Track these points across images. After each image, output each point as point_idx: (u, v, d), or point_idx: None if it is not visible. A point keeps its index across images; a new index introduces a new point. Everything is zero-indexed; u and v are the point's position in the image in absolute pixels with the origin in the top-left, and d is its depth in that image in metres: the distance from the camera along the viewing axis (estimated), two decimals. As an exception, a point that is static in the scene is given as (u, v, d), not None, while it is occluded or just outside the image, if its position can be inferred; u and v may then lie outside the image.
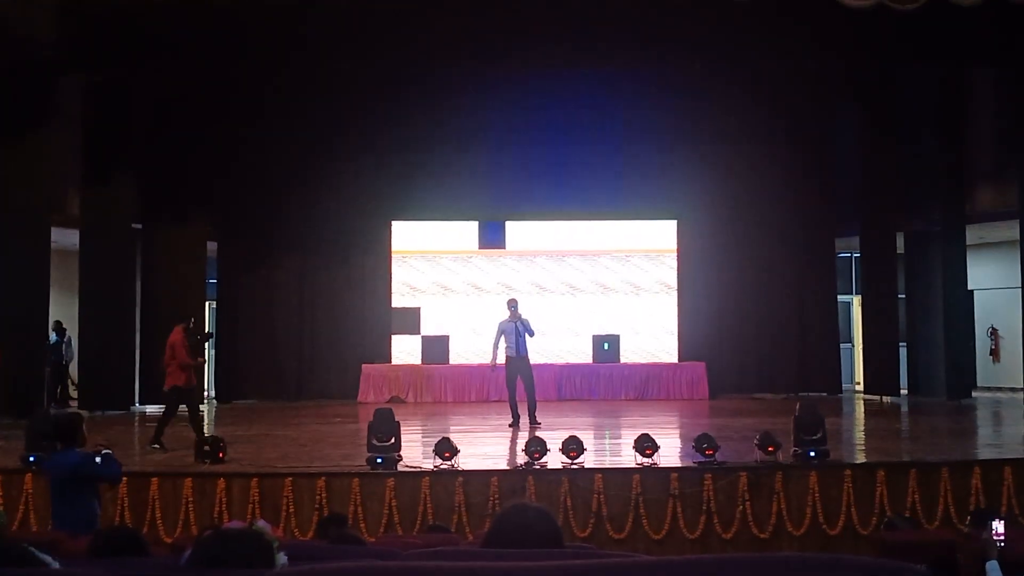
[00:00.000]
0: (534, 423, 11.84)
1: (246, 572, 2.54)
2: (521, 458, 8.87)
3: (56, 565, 2.71)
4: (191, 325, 10.88)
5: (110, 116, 14.60)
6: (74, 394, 16.43)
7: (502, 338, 12.23)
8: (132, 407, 15.10)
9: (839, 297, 18.23)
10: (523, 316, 12.18)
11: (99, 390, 14.44)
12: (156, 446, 10.04)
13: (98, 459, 6.55)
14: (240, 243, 17.09)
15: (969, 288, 16.24)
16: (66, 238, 14.92)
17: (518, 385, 12.18)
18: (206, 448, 8.91)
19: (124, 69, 14.10)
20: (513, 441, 11.20)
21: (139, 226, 15.63)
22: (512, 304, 12.27)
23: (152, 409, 15.34)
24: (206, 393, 16.66)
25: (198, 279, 16.10)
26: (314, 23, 13.15)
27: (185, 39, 13.14)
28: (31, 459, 8.64)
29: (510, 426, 12.04)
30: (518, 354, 12.09)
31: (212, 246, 16.78)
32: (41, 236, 13.76)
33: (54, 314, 14.89)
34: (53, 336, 16.08)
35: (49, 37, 13.03)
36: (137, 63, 13.78)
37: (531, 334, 12.19)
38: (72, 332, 16.16)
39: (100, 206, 14.75)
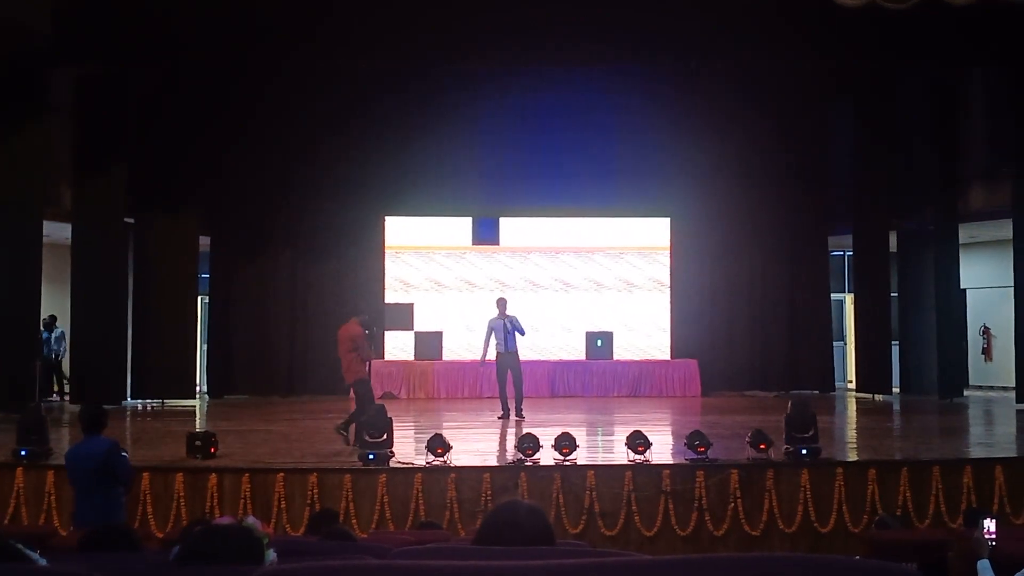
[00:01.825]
0: (519, 416, 12.49)
1: (234, 568, 2.53)
2: (513, 454, 8.87)
3: (43, 562, 2.69)
4: (365, 319, 10.84)
5: (103, 109, 14.52)
6: (67, 388, 16.41)
7: (492, 335, 12.91)
8: (124, 401, 15.05)
9: (832, 295, 18.27)
10: (510, 314, 12.87)
11: (91, 384, 14.38)
12: (344, 432, 10.06)
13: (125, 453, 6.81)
14: (233, 237, 17.04)
15: (962, 287, 16.28)
16: (58, 231, 14.87)
17: (508, 379, 12.78)
18: (197, 443, 8.90)
19: (117, 61, 14.02)
20: (503, 436, 11.23)
21: (131, 220, 15.56)
22: (500, 303, 12.99)
23: (143, 404, 15.33)
24: (198, 388, 16.65)
25: (190, 273, 16.02)
26: (309, 17, 13.11)
27: (179, 31, 13.08)
28: (23, 453, 8.63)
29: (499, 418, 12.62)
30: (506, 350, 12.74)
31: (205, 240, 16.73)
32: (33, 229, 13.69)
33: (46, 308, 14.83)
34: (44, 332, 16.03)
35: (42, 28, 12.96)
36: (130, 55, 13.71)
37: (521, 332, 12.86)
38: (64, 326, 16.11)
39: (92, 199, 14.68)
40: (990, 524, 4.75)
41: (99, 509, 6.50)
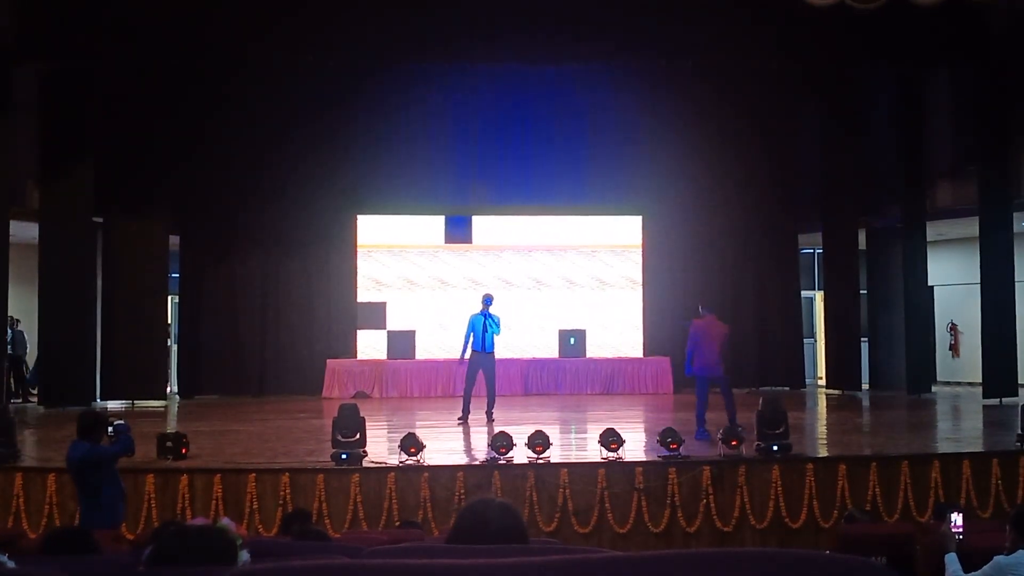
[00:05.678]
0: (488, 418, 12.09)
1: (205, 569, 2.51)
2: (487, 453, 8.88)
3: (11, 564, 2.67)
4: None
5: (69, 107, 14.34)
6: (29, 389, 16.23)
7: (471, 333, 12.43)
8: (93, 402, 14.88)
9: (802, 292, 18.41)
10: (493, 313, 12.34)
11: (59, 385, 14.23)
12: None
13: (110, 429, 7.03)
14: (203, 236, 16.91)
15: (929, 284, 16.45)
16: (24, 231, 14.68)
17: (479, 380, 12.31)
18: (168, 444, 8.83)
19: (83, 58, 13.86)
20: (476, 435, 11.21)
21: (99, 219, 15.40)
22: (485, 300, 12.42)
23: (113, 405, 15.16)
24: (168, 388, 16.51)
25: (160, 273, 15.89)
26: (277, 13, 13.04)
27: (145, 27, 12.95)
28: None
29: (458, 421, 12.07)
30: (484, 350, 12.27)
31: (174, 239, 16.58)
32: (-1, 229, 13.53)
33: (12, 308, 14.64)
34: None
35: (5, 25, 12.80)
36: (96, 52, 13.56)
37: (497, 332, 12.36)
38: (32, 326, 15.89)
39: (59, 199, 14.51)
40: (957, 518, 4.81)
41: (89, 509, 6.86)
